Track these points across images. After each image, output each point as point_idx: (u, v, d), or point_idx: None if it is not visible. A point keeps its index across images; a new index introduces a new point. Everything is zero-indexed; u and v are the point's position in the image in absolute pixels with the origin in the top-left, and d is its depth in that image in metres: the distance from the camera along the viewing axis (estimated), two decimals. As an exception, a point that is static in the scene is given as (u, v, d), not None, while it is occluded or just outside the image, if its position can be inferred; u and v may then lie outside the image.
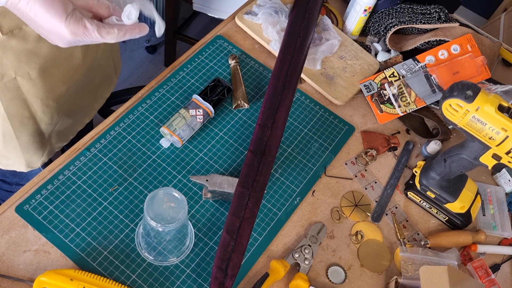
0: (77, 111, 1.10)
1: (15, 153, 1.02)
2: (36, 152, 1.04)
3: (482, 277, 0.92)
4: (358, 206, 0.97)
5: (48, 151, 1.07)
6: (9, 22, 0.80)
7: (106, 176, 0.91)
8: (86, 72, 1.02)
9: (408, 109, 1.08)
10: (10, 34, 0.81)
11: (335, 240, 0.93)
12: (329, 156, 1.02)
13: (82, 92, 1.06)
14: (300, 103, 1.08)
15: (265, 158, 0.90)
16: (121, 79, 2.20)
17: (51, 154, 1.09)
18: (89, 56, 1.01)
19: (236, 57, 1.10)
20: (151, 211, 0.75)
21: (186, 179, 0.94)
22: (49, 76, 0.92)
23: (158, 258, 0.84)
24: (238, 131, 1.02)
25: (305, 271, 0.87)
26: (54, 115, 1.00)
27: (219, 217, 0.91)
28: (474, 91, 0.81)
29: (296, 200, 0.95)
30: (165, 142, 0.96)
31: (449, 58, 1.09)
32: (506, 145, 0.81)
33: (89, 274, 0.78)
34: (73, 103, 1.05)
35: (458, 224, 0.96)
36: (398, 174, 1.03)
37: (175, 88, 1.05)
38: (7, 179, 1.20)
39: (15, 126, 0.96)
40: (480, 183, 1.04)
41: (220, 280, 0.79)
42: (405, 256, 0.90)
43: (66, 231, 0.84)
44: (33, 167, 1.07)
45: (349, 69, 1.14)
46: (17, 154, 1.02)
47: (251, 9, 1.17)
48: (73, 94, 1.03)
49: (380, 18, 1.18)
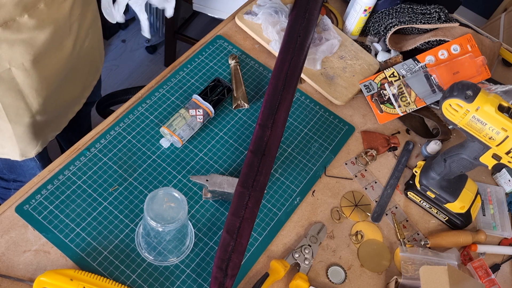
0: (69, 100, 1.11)
1: (10, 142, 1.02)
2: (31, 142, 1.05)
3: (482, 277, 0.92)
4: (358, 206, 0.97)
5: (42, 141, 1.08)
6: (3, 14, 0.80)
7: (106, 176, 0.91)
8: (75, 60, 1.03)
9: (408, 109, 1.08)
10: (4, 25, 0.82)
11: (335, 240, 0.93)
12: (329, 156, 1.02)
13: (72, 81, 1.07)
14: (300, 103, 1.08)
15: (265, 158, 0.90)
16: (121, 79, 2.20)
17: (45, 144, 1.10)
18: (77, 45, 1.02)
19: (236, 57, 1.10)
20: (151, 211, 0.75)
21: (186, 179, 0.94)
22: (42, 66, 0.93)
23: (158, 258, 0.84)
24: (238, 131, 1.02)
25: (305, 271, 0.87)
26: (48, 105, 1.01)
27: (219, 217, 0.91)
28: (474, 91, 0.81)
29: (296, 200, 0.95)
30: (165, 142, 0.96)
31: (449, 58, 1.09)
32: (506, 145, 0.81)
33: (89, 274, 0.78)
34: (65, 92, 1.06)
35: (458, 224, 0.96)
36: (398, 174, 1.03)
37: (175, 88, 1.05)
38: (4, 175, 1.20)
39: (10, 117, 0.96)
40: (480, 183, 1.04)
41: (220, 280, 0.79)
42: (405, 256, 0.90)
43: (66, 231, 0.84)
44: (27, 157, 1.07)
45: (349, 69, 1.14)
46: (12, 143, 1.02)
47: (251, 9, 1.17)
48: (64, 83, 1.03)
49: (380, 18, 1.18)
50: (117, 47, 2.29)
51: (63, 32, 0.94)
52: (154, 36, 2.31)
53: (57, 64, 0.97)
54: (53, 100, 1.02)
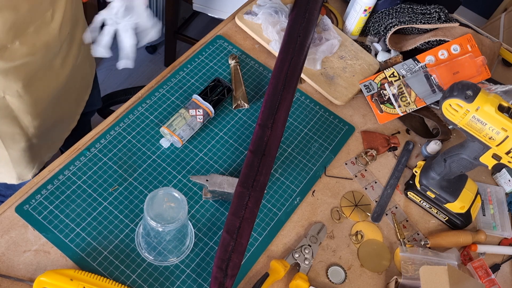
0: (63, 119, 1.10)
1: (6, 168, 1.02)
2: (27, 165, 1.04)
3: (482, 277, 0.92)
4: (358, 206, 0.97)
5: (38, 163, 1.08)
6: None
7: (106, 176, 0.91)
8: (67, 78, 1.02)
9: (408, 109, 1.08)
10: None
11: (335, 240, 0.93)
12: (329, 156, 1.02)
13: (65, 98, 1.06)
14: (300, 103, 1.08)
15: (265, 158, 0.90)
16: (121, 79, 2.20)
17: (41, 165, 1.10)
18: (69, 63, 1.01)
19: (236, 57, 1.10)
20: (151, 211, 0.75)
21: (186, 179, 0.94)
22: (35, 89, 0.92)
23: (158, 258, 0.84)
24: (238, 131, 1.02)
25: (305, 271, 0.87)
26: (43, 127, 1.01)
27: (219, 217, 0.91)
28: (474, 91, 0.81)
29: (296, 200, 0.95)
30: (165, 142, 0.96)
31: (449, 58, 1.09)
32: (506, 145, 0.81)
33: (89, 274, 0.78)
34: (59, 111, 1.05)
35: (458, 224, 0.96)
36: (398, 174, 1.03)
37: (175, 88, 1.05)
38: (1, 191, 1.20)
39: (7, 143, 0.96)
40: (480, 183, 1.04)
41: (220, 280, 0.79)
42: (405, 256, 0.90)
43: (66, 231, 0.84)
44: (24, 179, 1.07)
45: (349, 69, 1.14)
46: (8, 169, 1.02)
47: (251, 9, 1.17)
48: (57, 103, 1.03)
49: (380, 18, 1.18)
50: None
51: (53, 53, 0.93)
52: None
53: (49, 85, 0.96)
54: (48, 121, 1.02)
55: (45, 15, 0.87)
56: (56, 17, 0.90)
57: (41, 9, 0.85)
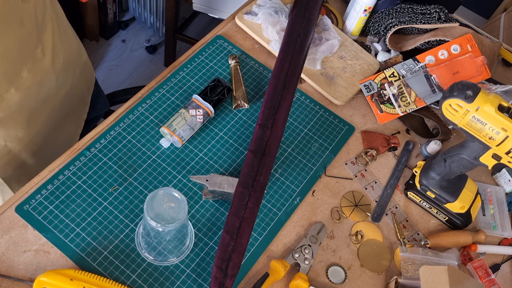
0: (66, 142, 1.10)
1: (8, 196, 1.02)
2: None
3: (482, 277, 0.92)
4: (358, 206, 0.97)
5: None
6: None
7: (106, 176, 0.91)
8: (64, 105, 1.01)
9: (408, 109, 1.08)
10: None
11: (335, 240, 0.93)
12: (329, 156, 1.02)
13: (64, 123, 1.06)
14: (300, 103, 1.08)
15: (265, 158, 0.90)
16: (121, 79, 2.20)
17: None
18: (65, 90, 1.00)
19: (236, 57, 1.10)
20: (151, 211, 0.75)
21: (186, 179, 0.94)
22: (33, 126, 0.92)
23: (158, 258, 0.84)
24: (238, 131, 1.02)
25: (305, 271, 0.87)
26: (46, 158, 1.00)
27: (219, 217, 0.91)
28: (474, 91, 0.81)
29: (296, 200, 0.95)
30: (165, 142, 0.96)
31: (449, 58, 1.09)
32: (506, 145, 0.81)
33: (89, 274, 0.78)
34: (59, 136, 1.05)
35: (458, 224, 0.96)
36: (398, 174, 1.03)
37: (175, 88, 1.05)
38: None
39: (12, 185, 0.96)
40: (480, 183, 1.04)
41: (220, 280, 0.79)
42: (405, 256, 0.90)
43: (66, 231, 0.84)
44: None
45: (349, 69, 1.14)
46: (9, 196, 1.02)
47: (251, 9, 1.17)
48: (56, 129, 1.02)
49: (380, 18, 1.18)
50: (117, 47, 2.29)
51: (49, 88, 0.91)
52: (154, 36, 2.31)
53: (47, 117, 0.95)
54: (50, 150, 1.01)
55: (35, 53, 0.85)
56: (47, 51, 0.87)
57: (29, 48, 0.83)
